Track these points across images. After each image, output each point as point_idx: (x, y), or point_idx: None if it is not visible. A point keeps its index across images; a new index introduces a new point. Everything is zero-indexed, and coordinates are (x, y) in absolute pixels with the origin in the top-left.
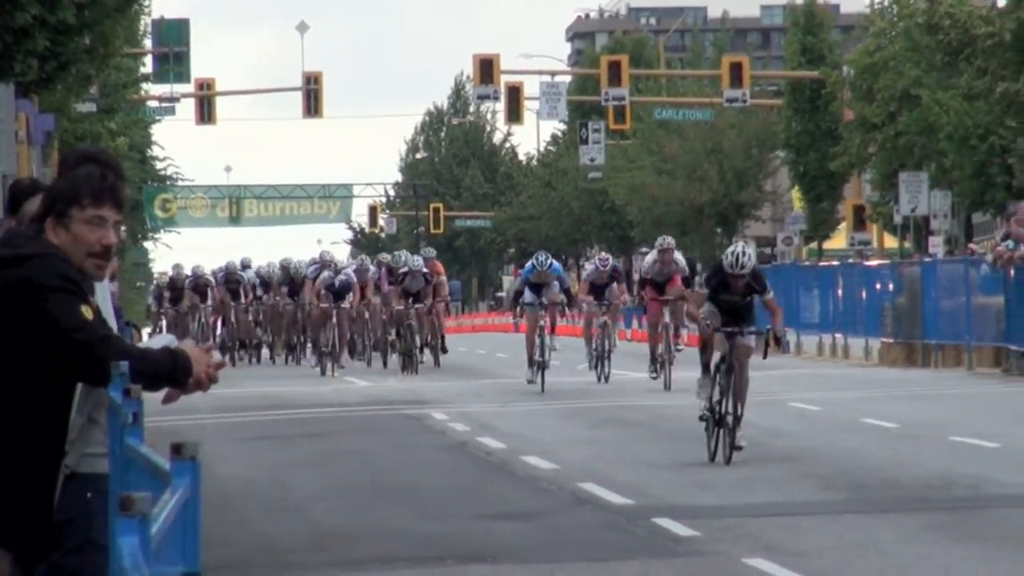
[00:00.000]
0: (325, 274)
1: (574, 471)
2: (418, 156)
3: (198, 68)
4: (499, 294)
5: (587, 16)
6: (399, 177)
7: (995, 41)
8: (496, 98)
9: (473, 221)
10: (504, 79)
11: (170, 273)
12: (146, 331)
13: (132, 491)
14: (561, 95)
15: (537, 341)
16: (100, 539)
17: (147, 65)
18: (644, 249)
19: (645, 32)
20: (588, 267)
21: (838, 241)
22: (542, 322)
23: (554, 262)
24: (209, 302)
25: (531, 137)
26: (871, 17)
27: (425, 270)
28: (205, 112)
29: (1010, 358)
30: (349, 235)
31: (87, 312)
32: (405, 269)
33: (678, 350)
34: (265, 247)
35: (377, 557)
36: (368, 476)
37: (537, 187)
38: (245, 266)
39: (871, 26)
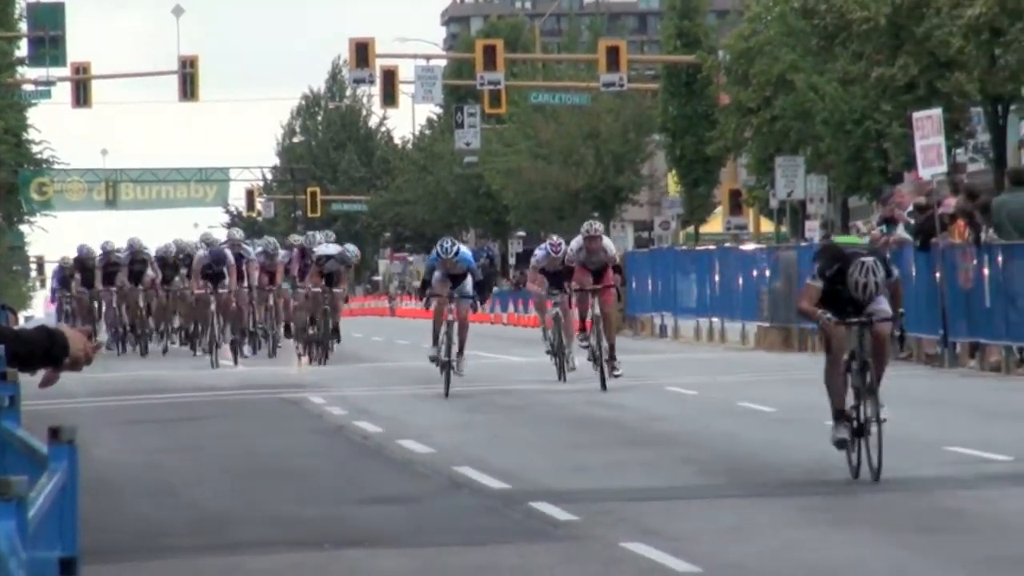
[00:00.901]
0: (200, 253)
1: (451, 455)
2: (295, 140)
3: (74, 51)
4: (375, 278)
5: (462, 0)
6: (276, 161)
7: (870, 26)
8: (372, 82)
9: (350, 205)
10: (380, 63)
11: (76, 253)
12: (42, 315)
13: (8, 475)
14: (436, 79)
15: (443, 338)
16: None
17: (22, 48)
18: (520, 233)
19: (521, 16)
20: (538, 253)
21: (714, 225)
22: (450, 316)
23: (463, 249)
24: (118, 284)
25: (407, 121)
26: (746, 2)
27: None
28: (81, 95)
29: None
30: (226, 219)
31: None
32: (325, 251)
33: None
34: (142, 231)
35: (254, 541)
36: (245, 460)
37: (413, 171)
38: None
39: (746, 11)
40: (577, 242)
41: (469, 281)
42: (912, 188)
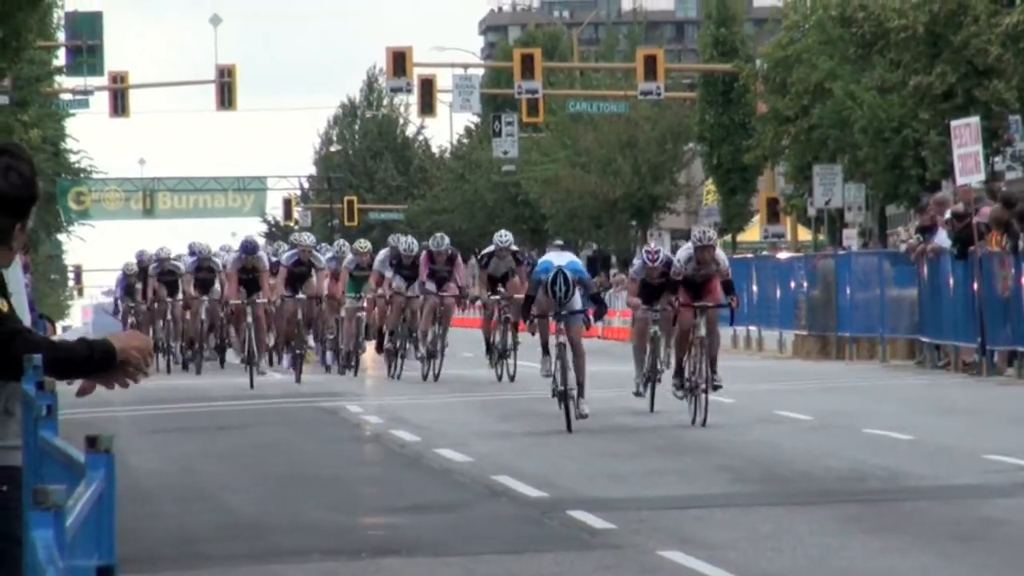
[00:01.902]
0: (233, 256)
1: (488, 464)
2: (332, 149)
3: (111, 61)
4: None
5: (500, 9)
6: (313, 170)
7: (908, 34)
8: (409, 91)
9: (387, 214)
10: (417, 72)
11: (135, 259)
12: (79, 324)
13: (46, 484)
14: (474, 88)
15: (556, 363)
16: (16, 532)
17: (60, 58)
18: (558, 242)
19: (558, 25)
20: (636, 263)
21: (752, 234)
22: (561, 337)
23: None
24: (180, 296)
25: (444, 130)
26: (784, 10)
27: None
28: (119, 105)
29: (923, 350)
30: (264, 228)
31: (2, 306)
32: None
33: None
34: (179, 240)
35: (290, 549)
36: (282, 468)
37: (450, 180)
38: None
39: (784, 19)
40: (686, 251)
41: (578, 295)
42: (952, 196)
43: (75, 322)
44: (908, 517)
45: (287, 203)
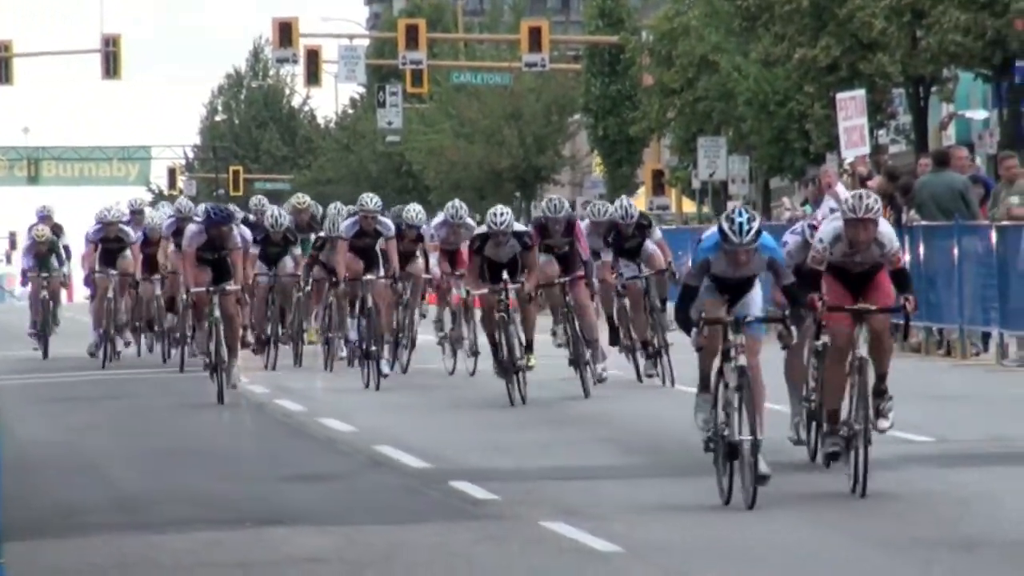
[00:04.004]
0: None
1: (371, 434)
2: (217, 119)
3: None
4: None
5: None
6: (199, 140)
7: (792, 7)
8: (295, 61)
9: (272, 184)
10: (303, 42)
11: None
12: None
13: None
14: (359, 58)
15: (722, 402)
16: None
17: None
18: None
19: None
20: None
21: (638, 205)
22: (741, 358)
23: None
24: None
25: (330, 101)
26: None
27: None
28: (3, 74)
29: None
30: (149, 198)
31: None
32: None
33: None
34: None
35: (175, 519)
36: (166, 439)
37: (335, 150)
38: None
39: None
40: (833, 228)
41: (758, 294)
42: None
43: None
44: (791, 489)
45: (171, 172)
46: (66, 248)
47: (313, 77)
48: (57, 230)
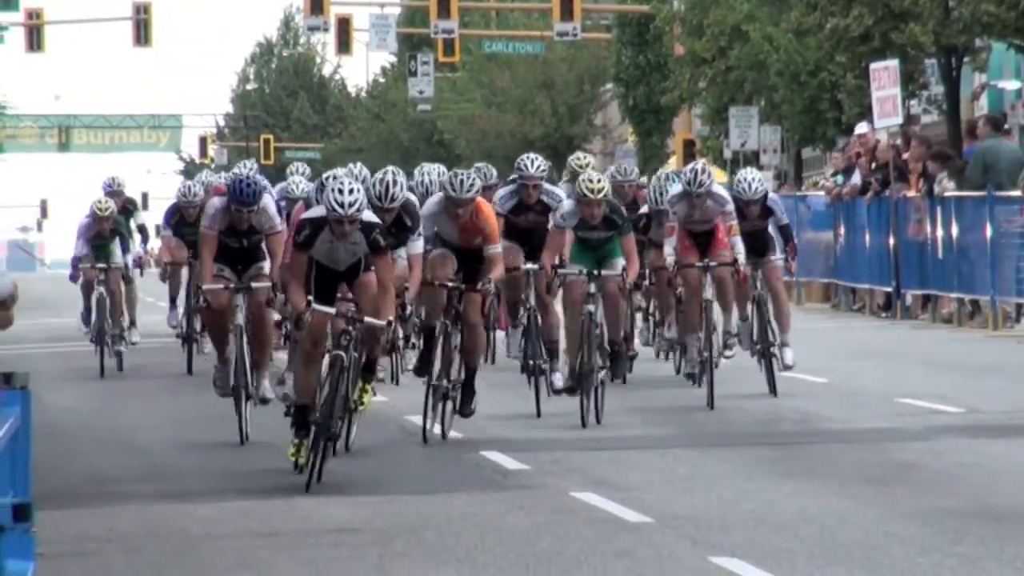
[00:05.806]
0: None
1: (403, 405)
2: (248, 87)
3: None
4: None
5: None
6: (230, 108)
7: None
8: (326, 29)
9: (303, 152)
10: (334, 10)
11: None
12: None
13: None
14: (391, 27)
15: None
16: None
17: None
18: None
19: None
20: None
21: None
22: None
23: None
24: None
25: (361, 69)
26: None
27: None
28: (34, 41)
29: (838, 294)
30: (180, 166)
31: None
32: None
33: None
34: (96, 176)
35: (205, 489)
36: (197, 409)
37: (366, 119)
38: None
39: None
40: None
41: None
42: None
43: None
44: (821, 460)
45: (203, 141)
46: (141, 228)
47: (344, 46)
48: (129, 206)
